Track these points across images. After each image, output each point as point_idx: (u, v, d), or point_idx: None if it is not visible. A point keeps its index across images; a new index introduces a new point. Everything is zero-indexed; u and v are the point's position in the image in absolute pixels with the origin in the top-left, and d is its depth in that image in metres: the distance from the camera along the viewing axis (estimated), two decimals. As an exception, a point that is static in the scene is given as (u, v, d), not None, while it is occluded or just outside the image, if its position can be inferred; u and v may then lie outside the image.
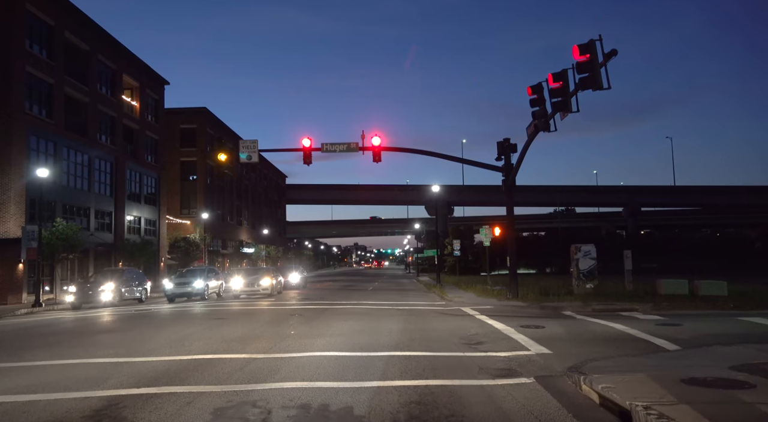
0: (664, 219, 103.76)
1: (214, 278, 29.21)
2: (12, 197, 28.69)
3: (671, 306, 17.89)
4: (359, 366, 8.45)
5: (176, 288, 26.41)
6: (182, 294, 26.45)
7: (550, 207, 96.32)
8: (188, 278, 27.38)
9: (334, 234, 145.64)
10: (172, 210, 52.06)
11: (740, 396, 5.72)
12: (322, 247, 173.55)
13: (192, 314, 18.95)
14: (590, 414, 5.81)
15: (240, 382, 7.39)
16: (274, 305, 21.64)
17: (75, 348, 11.04)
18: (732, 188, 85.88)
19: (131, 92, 43.53)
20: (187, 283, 26.72)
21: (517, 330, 12.34)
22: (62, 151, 33.28)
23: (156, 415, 5.90)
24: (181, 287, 26.52)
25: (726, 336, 11.04)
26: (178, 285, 26.73)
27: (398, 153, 27.08)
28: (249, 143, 23.00)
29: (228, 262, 62.20)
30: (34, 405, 6.45)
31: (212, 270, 30.66)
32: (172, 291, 26.34)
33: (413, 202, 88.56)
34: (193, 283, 26.69)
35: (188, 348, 10.46)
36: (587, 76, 16.34)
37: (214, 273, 30.14)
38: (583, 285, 23.74)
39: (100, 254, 37.40)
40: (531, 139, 20.38)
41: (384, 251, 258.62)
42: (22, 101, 29.76)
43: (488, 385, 7.07)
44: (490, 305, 19.54)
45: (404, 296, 26.69)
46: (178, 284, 26.79)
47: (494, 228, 34.07)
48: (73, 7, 34.05)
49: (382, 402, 6.25)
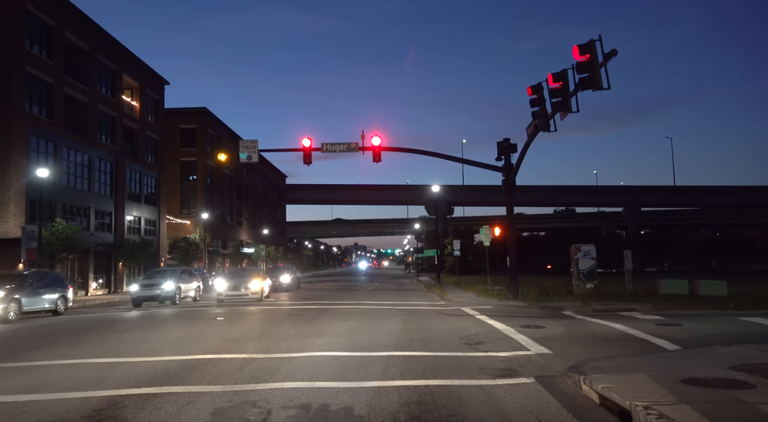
0: (664, 220, 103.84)
1: (189, 279, 26.34)
2: (12, 197, 28.69)
3: (671, 306, 17.90)
4: (359, 366, 8.45)
5: (142, 291, 23.61)
6: (150, 297, 23.60)
7: (550, 207, 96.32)
8: (157, 279, 24.43)
9: (334, 234, 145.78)
10: (172, 210, 52.06)
11: (740, 396, 5.72)
12: (322, 247, 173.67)
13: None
14: (590, 414, 5.81)
15: (240, 382, 7.40)
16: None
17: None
18: (732, 188, 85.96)
19: (131, 92, 43.54)
20: (155, 285, 23.82)
21: (517, 330, 12.34)
22: (62, 151, 33.28)
23: (156, 415, 5.90)
24: (148, 290, 23.68)
25: (726, 336, 11.04)
26: (145, 287, 23.86)
27: (398, 153, 27.13)
28: (249, 143, 23.00)
29: (228, 262, 62.22)
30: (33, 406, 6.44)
31: (186, 270, 27.78)
32: (138, 295, 23.54)
33: (413, 202, 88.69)
34: (162, 285, 23.71)
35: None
36: (587, 76, 16.35)
37: (188, 273, 27.22)
38: (583, 285, 23.75)
39: (100, 254, 37.41)
40: (531, 139, 20.38)
41: (384, 251, 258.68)
42: (22, 101, 29.76)
43: (488, 385, 7.07)
44: (490, 305, 19.54)
45: (404, 296, 26.69)
46: (144, 286, 23.93)
47: (494, 228, 34.07)
48: (73, 7, 34.06)
49: (382, 402, 6.25)
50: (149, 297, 23.61)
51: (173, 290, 23.86)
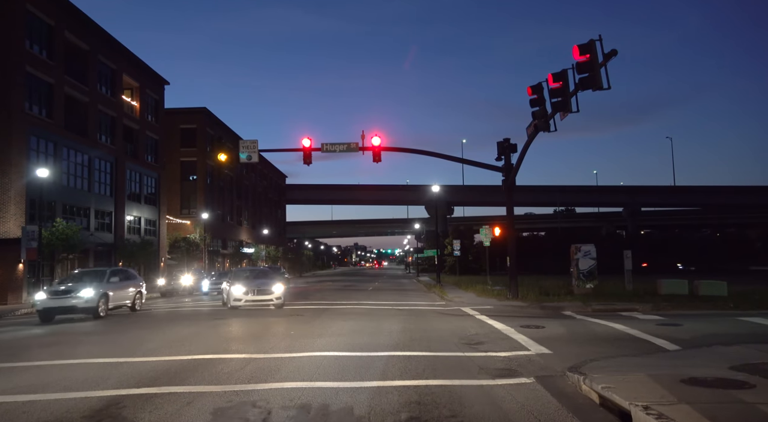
0: (664, 220, 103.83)
1: (123, 284, 20.04)
2: (12, 197, 28.69)
3: (671, 306, 17.91)
4: (359, 366, 8.45)
5: (52, 300, 17.36)
6: (64, 309, 17.46)
7: (550, 207, 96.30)
8: (73, 284, 18.23)
9: (334, 234, 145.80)
10: (172, 210, 52.06)
11: (740, 396, 5.72)
12: (322, 247, 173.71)
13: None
14: (590, 414, 5.81)
15: (240, 382, 7.39)
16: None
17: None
18: (732, 188, 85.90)
19: (131, 92, 43.54)
20: (70, 292, 17.60)
21: (517, 330, 12.34)
22: (62, 151, 33.28)
23: (156, 415, 5.90)
24: (60, 298, 17.44)
25: (726, 336, 11.04)
26: (56, 295, 17.54)
27: (398, 153, 27.14)
28: (249, 143, 23.00)
29: (228, 262, 62.23)
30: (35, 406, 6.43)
31: (120, 272, 21.06)
32: (46, 306, 17.32)
33: (413, 202, 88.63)
34: (80, 292, 17.54)
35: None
36: (587, 76, 16.35)
37: (123, 276, 20.68)
38: (583, 285, 23.76)
39: (100, 254, 37.39)
40: (531, 139, 20.39)
41: (384, 251, 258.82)
42: (22, 101, 29.75)
43: (488, 385, 7.07)
44: (490, 305, 19.54)
45: (404, 296, 26.68)
46: (55, 294, 17.61)
47: (494, 228, 34.09)
48: (73, 7, 34.04)
49: (382, 402, 6.25)
50: (63, 309, 17.47)
51: (94, 298, 17.64)
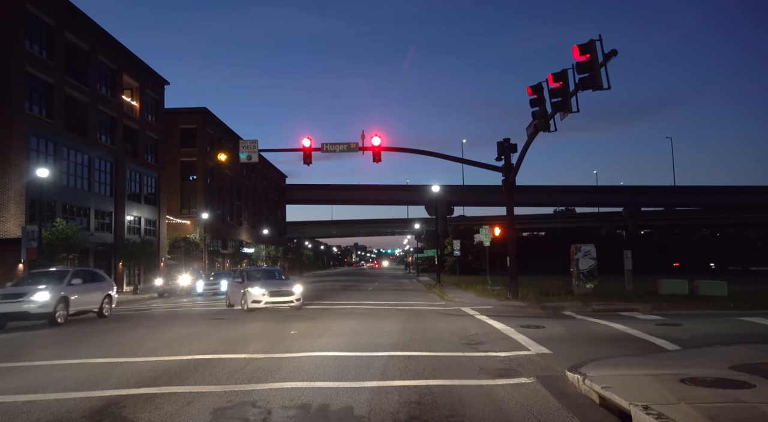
0: (664, 220, 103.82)
1: (87, 287, 17.82)
2: (12, 197, 28.70)
3: (671, 306, 17.90)
4: (359, 366, 8.45)
5: (1, 305, 15.39)
6: (13, 314, 15.39)
7: (550, 207, 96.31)
8: (28, 287, 16.24)
9: (334, 234, 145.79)
10: (172, 210, 52.08)
11: (740, 396, 5.71)
12: (322, 247, 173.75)
13: None
14: (590, 414, 5.80)
15: (240, 382, 7.40)
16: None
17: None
18: (732, 188, 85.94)
19: (131, 92, 43.56)
20: (22, 296, 15.60)
21: (517, 330, 12.33)
22: (62, 151, 33.29)
23: (156, 415, 5.90)
24: (9, 303, 15.41)
25: (726, 336, 11.04)
26: (6, 299, 15.57)
27: (398, 153, 27.14)
28: (249, 143, 23.00)
29: (228, 262, 62.24)
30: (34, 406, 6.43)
31: (87, 272, 19.00)
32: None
33: (413, 202, 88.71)
34: (34, 296, 15.56)
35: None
36: (587, 76, 16.34)
37: (88, 277, 18.37)
38: (583, 285, 23.75)
39: (100, 254, 37.40)
40: (531, 139, 20.38)
41: (384, 251, 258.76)
42: (22, 101, 29.77)
43: (488, 385, 7.07)
44: (490, 305, 19.53)
45: (404, 296, 26.68)
46: (5, 298, 15.69)
47: (494, 228, 34.08)
48: (73, 7, 34.06)
49: (382, 402, 6.25)
50: (14, 315, 15.42)
51: (50, 303, 15.68)
